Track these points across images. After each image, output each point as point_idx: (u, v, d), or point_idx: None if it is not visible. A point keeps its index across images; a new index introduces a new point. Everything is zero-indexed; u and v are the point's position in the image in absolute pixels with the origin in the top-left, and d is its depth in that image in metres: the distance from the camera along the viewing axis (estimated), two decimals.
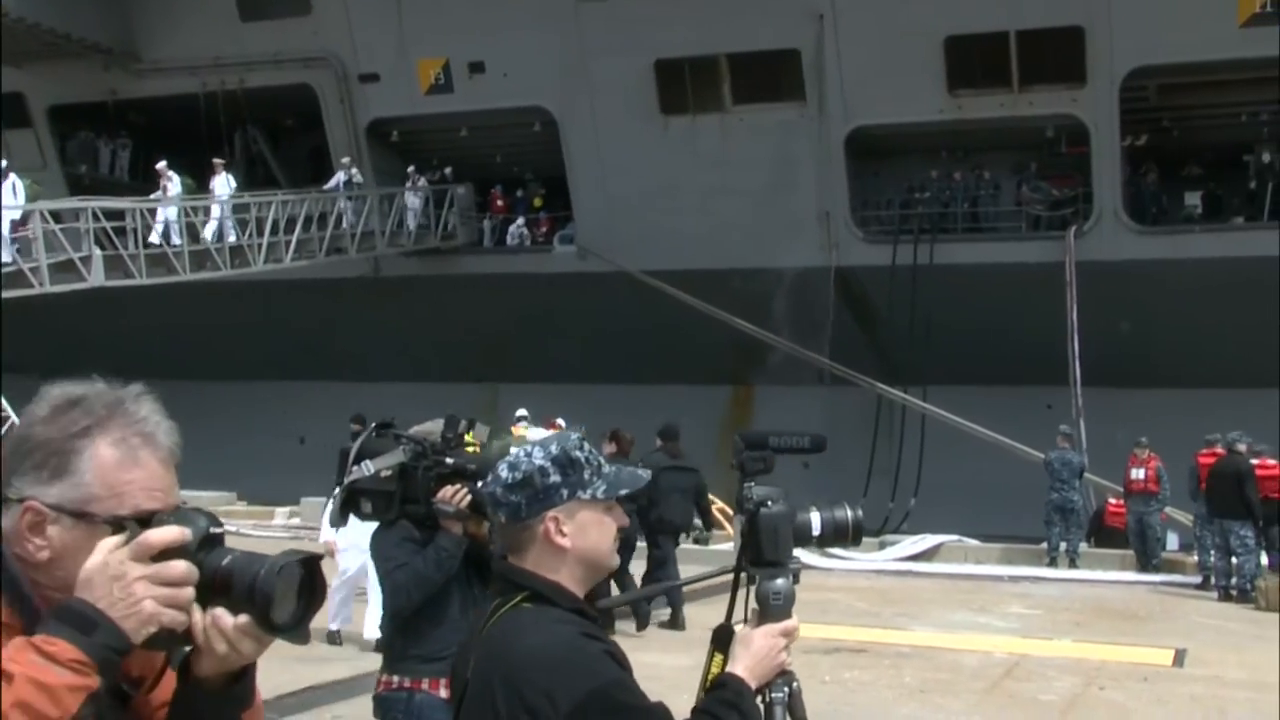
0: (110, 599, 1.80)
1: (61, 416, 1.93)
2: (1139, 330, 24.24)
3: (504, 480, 2.76)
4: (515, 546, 2.79)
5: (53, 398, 1.96)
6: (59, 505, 1.89)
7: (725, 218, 25.72)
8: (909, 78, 24.86)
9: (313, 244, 26.09)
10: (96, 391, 1.97)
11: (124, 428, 1.95)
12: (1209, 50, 23.27)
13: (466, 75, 27.73)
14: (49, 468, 1.90)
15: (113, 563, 1.82)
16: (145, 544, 1.83)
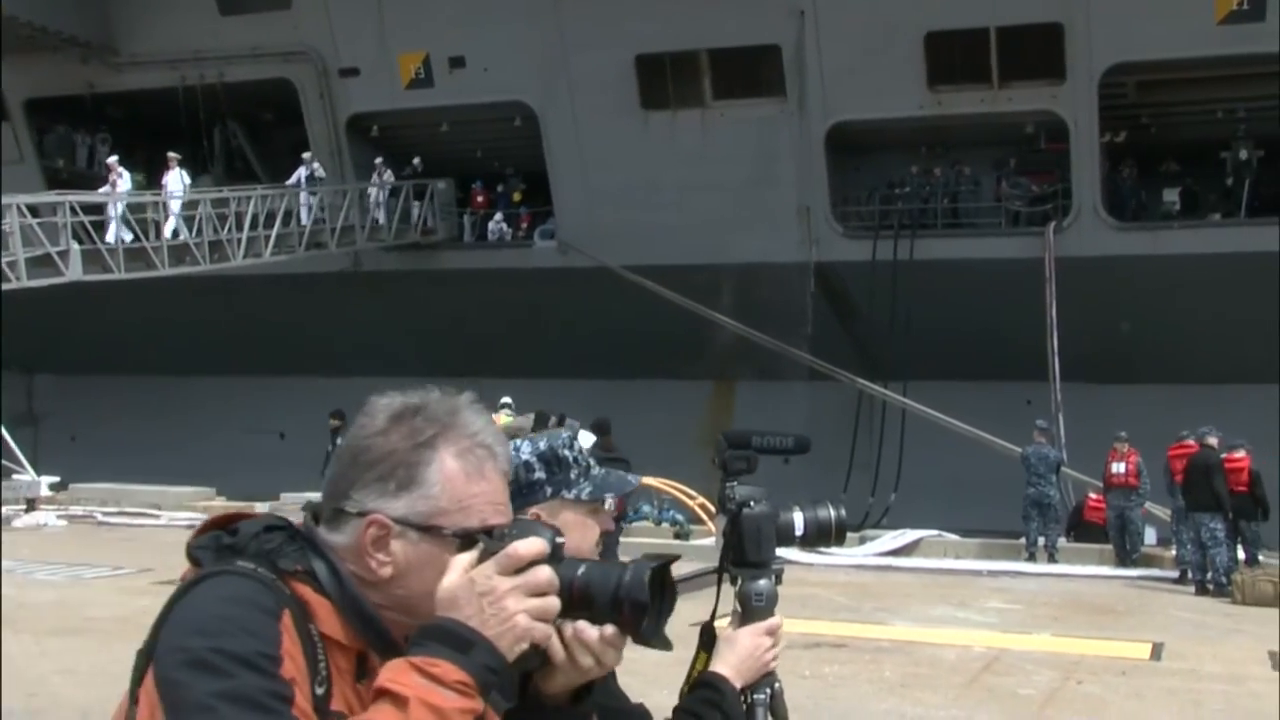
0: (482, 616, 1.71)
1: (402, 426, 1.85)
2: (1117, 326, 24.34)
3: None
4: None
5: (387, 407, 1.89)
6: (405, 519, 1.80)
7: (705, 213, 25.73)
8: (889, 73, 24.91)
9: (292, 239, 26.03)
10: (433, 400, 1.91)
11: (467, 439, 1.87)
12: (1187, 47, 23.38)
13: (447, 70, 27.67)
14: (395, 480, 1.82)
15: (479, 578, 1.74)
16: (514, 557, 1.75)
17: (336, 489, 1.85)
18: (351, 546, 1.82)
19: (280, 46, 28.31)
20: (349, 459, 1.85)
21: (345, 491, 1.84)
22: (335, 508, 1.84)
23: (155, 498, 23.79)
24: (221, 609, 1.68)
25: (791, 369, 26.01)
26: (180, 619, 1.69)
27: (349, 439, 1.88)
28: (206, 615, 1.68)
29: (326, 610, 1.76)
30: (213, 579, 1.73)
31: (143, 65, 29.05)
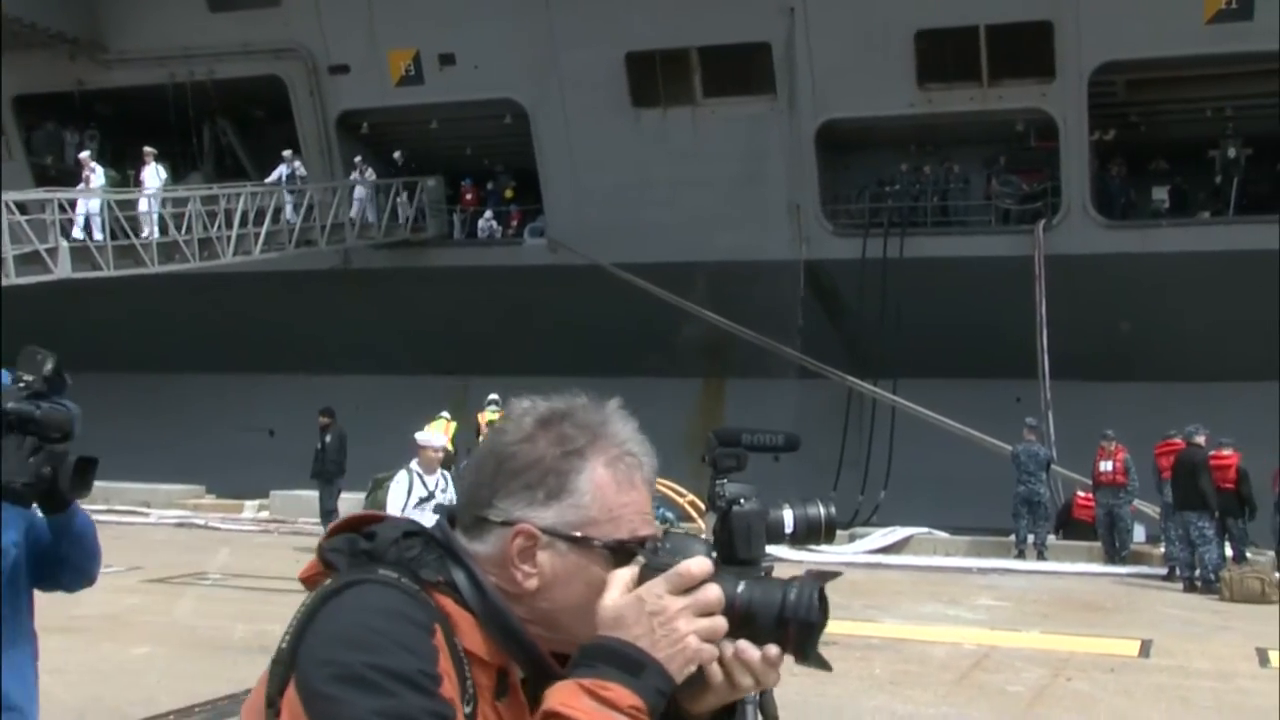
0: (652, 637, 1.64)
1: (549, 433, 1.78)
2: (1106, 324, 24.38)
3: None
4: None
5: (531, 411, 1.82)
6: (554, 529, 1.74)
7: (696, 211, 25.73)
8: (879, 71, 24.92)
9: (282, 236, 25.99)
10: (579, 406, 1.84)
11: (616, 447, 1.80)
12: (1175, 46, 23.43)
13: (437, 67, 27.64)
14: (544, 488, 1.75)
15: (649, 597, 1.67)
16: (686, 575, 1.68)
17: (478, 496, 1.78)
18: (495, 557, 1.76)
19: (270, 43, 28.25)
20: (493, 465, 1.78)
21: (489, 499, 1.77)
22: (478, 516, 1.77)
23: (145, 495, 23.78)
24: (374, 621, 1.62)
25: (781, 366, 26.03)
26: (328, 629, 1.63)
27: (492, 445, 1.80)
28: (359, 627, 1.61)
29: (469, 624, 1.71)
30: (357, 587, 1.66)
31: (132, 62, 28.97)
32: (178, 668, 10.70)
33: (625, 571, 1.71)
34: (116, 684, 9.66)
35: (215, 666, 10.69)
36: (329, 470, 19.94)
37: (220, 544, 19.72)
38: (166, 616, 13.22)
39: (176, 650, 8.28)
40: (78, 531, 3.95)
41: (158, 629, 12.46)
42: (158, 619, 12.99)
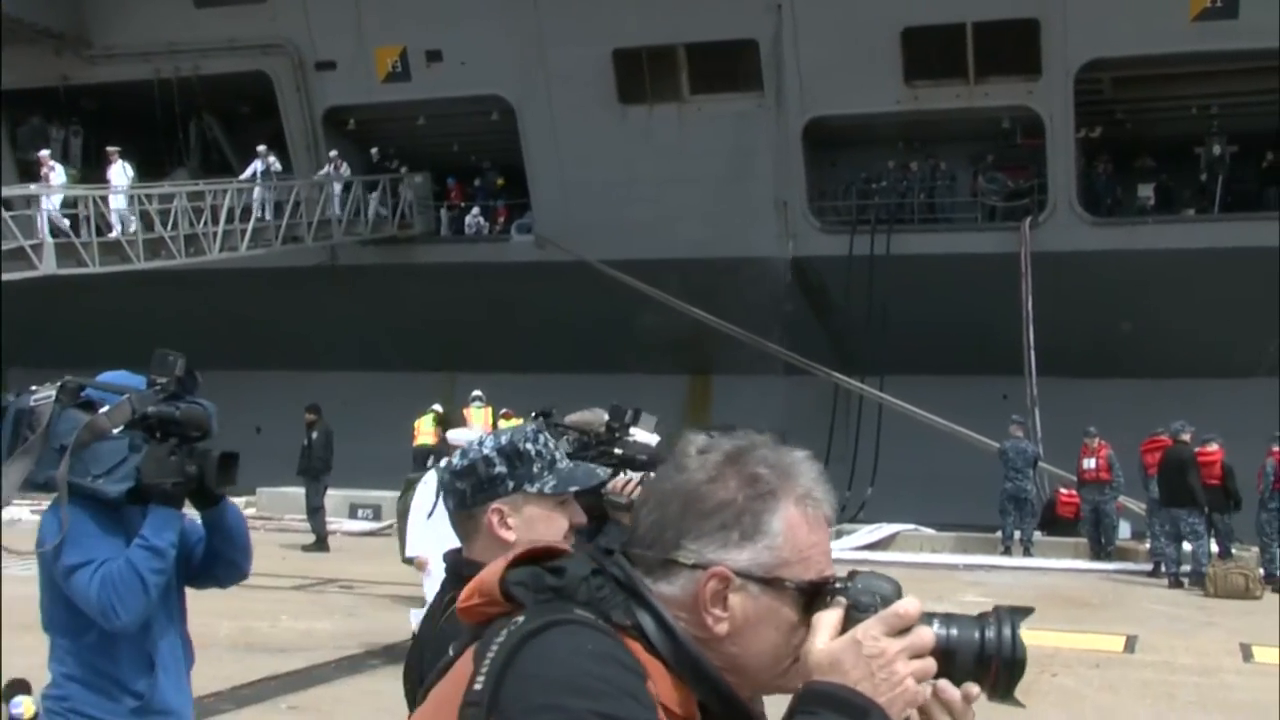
0: (873, 681, 1.61)
1: (738, 472, 1.74)
2: (1093, 321, 24.43)
3: (453, 467, 2.74)
4: (462, 535, 2.77)
5: (714, 449, 1.77)
6: (748, 571, 1.69)
7: (682, 207, 25.73)
8: (866, 69, 24.94)
9: (268, 233, 25.92)
10: (759, 444, 1.79)
11: (802, 487, 1.76)
12: (1161, 44, 23.49)
13: (424, 64, 27.59)
14: (739, 529, 1.70)
15: (866, 640, 1.63)
16: (903, 616, 1.65)
17: (664, 538, 1.72)
18: (683, 600, 1.70)
19: (256, 39, 28.16)
20: (679, 506, 1.72)
21: (677, 541, 1.71)
22: (666, 558, 1.71)
23: None
24: (594, 666, 1.58)
25: (768, 363, 26.06)
26: (544, 674, 1.58)
27: (675, 484, 1.75)
28: (580, 673, 1.58)
29: (659, 671, 1.65)
30: (563, 628, 1.62)
31: (117, 57, 28.85)
32: None
33: (832, 614, 1.68)
34: None
35: (200, 664, 10.65)
36: (315, 467, 19.90)
37: None
38: None
39: None
40: (230, 525, 4.08)
41: None
42: None
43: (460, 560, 2.75)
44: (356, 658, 11.27)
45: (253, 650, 11.37)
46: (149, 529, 3.72)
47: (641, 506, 1.78)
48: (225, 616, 12.82)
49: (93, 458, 3.60)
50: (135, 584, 3.63)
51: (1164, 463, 17.74)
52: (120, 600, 3.60)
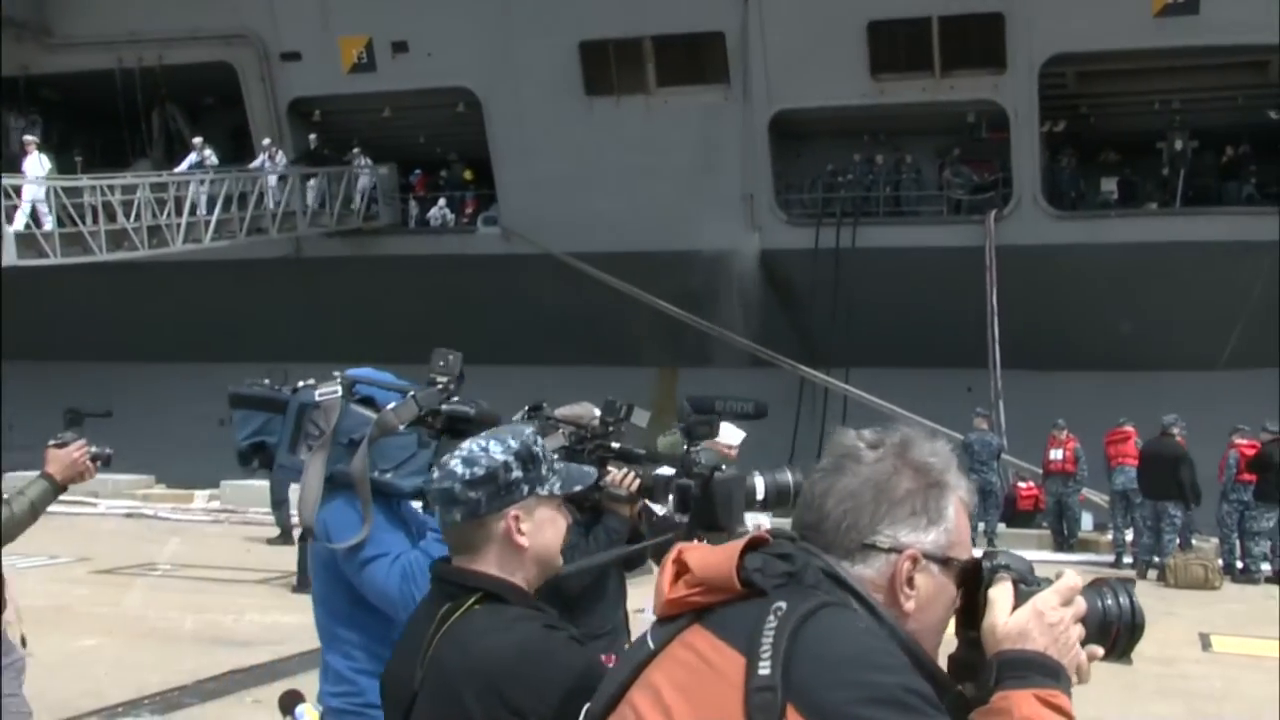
0: (1056, 646, 1.82)
1: (911, 463, 1.92)
2: (1056, 314, 24.59)
3: (462, 476, 2.63)
4: (466, 546, 2.67)
5: (884, 441, 1.95)
6: (931, 553, 1.88)
7: (649, 200, 25.73)
8: (832, 62, 25.00)
9: (232, 224, 25.73)
10: (913, 436, 1.97)
11: (956, 474, 1.96)
12: (1124, 39, 23.66)
13: (390, 55, 27.46)
14: (926, 515, 1.89)
15: (1048, 610, 1.85)
16: (1073, 589, 1.88)
17: (859, 525, 1.88)
18: (878, 581, 1.86)
19: (220, 29, 27.95)
20: (871, 495, 1.89)
21: (874, 527, 1.87)
22: (864, 542, 1.87)
23: (93, 485, 23.49)
24: (878, 644, 1.75)
25: (733, 355, 26.09)
26: (833, 652, 1.71)
27: (863, 478, 1.90)
28: (867, 649, 1.73)
29: None
30: (830, 610, 1.76)
31: (78, 47, 28.56)
32: (127, 659, 10.62)
33: (1006, 589, 1.88)
34: (64, 676, 9.57)
35: (165, 658, 10.62)
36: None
37: (170, 534, 19.57)
38: (116, 607, 13.10)
39: (125, 641, 8.22)
40: None
41: (107, 620, 12.36)
42: (107, 610, 12.88)
43: (458, 571, 2.68)
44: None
45: (217, 644, 11.33)
46: None
47: (823, 498, 1.91)
48: (190, 610, 12.79)
49: (380, 453, 3.65)
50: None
51: (1150, 456, 17.98)
52: (420, 591, 3.61)
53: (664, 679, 1.84)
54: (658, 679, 1.85)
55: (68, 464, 5.21)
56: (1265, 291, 24.04)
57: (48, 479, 5.28)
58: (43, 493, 5.20)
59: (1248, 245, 23.86)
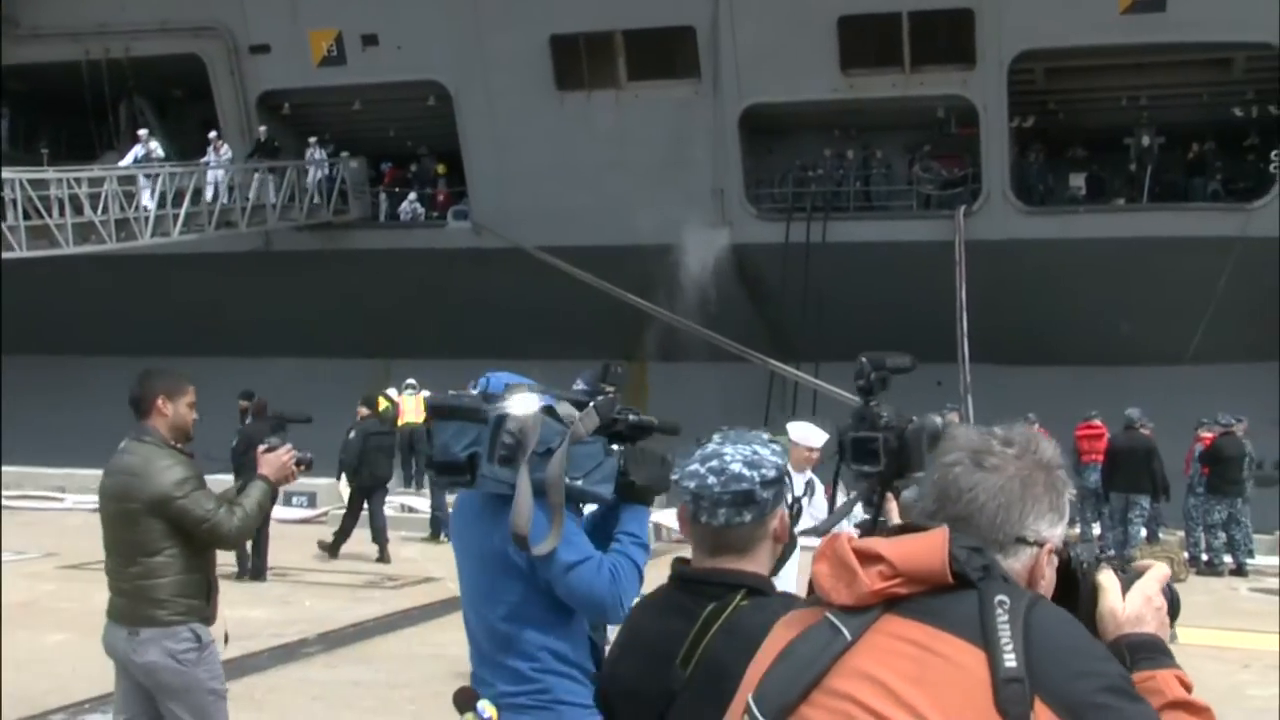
0: (1161, 628, 2.02)
1: (1034, 458, 2.05)
2: (1025, 308, 24.72)
3: (752, 478, 2.73)
4: (742, 545, 2.77)
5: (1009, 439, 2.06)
6: (1057, 544, 2.04)
7: (620, 194, 25.72)
8: (803, 57, 25.05)
9: (201, 218, 25.57)
10: (1030, 431, 2.12)
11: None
12: (1092, 35, 23.80)
13: (360, 48, 27.36)
14: (1058, 509, 2.04)
15: (1154, 595, 2.03)
16: (1165, 576, 2.08)
17: (1010, 518, 2.00)
18: (1022, 573, 2.00)
19: (189, 21, 27.77)
20: (1019, 491, 2.01)
21: (1023, 521, 2.00)
22: (1017, 536, 2.00)
23: (60, 480, 23.36)
24: (1087, 633, 1.91)
25: (704, 349, 26.12)
26: (1064, 644, 1.83)
27: (1008, 475, 2.02)
28: (1085, 638, 1.88)
29: None
30: (1044, 603, 1.91)
31: (45, 38, 28.33)
32: (93, 656, 10.55)
33: (1112, 577, 2.05)
34: (30, 672, 9.53)
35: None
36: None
37: None
38: (82, 604, 13.00)
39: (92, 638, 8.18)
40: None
41: (73, 616, 12.27)
42: (73, 606, 12.80)
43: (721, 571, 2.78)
44: (291, 646, 11.21)
45: None
46: (635, 525, 3.94)
47: (972, 492, 2.01)
48: None
49: (572, 462, 3.77)
50: (635, 577, 3.83)
51: (1122, 449, 18.12)
52: (625, 593, 3.79)
53: (883, 670, 1.86)
54: (872, 669, 1.87)
55: (279, 466, 5.51)
56: (1230, 287, 24.26)
57: (264, 480, 5.59)
58: (263, 494, 5.51)
59: (1213, 241, 24.07)
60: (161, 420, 5.85)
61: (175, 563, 5.45)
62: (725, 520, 2.73)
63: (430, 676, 9.94)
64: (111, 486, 5.67)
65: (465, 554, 3.99)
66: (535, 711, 3.82)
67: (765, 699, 1.97)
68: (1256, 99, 24.98)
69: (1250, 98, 25.13)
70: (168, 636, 5.44)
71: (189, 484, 5.50)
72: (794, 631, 2.01)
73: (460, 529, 4.03)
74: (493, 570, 3.88)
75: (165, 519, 5.44)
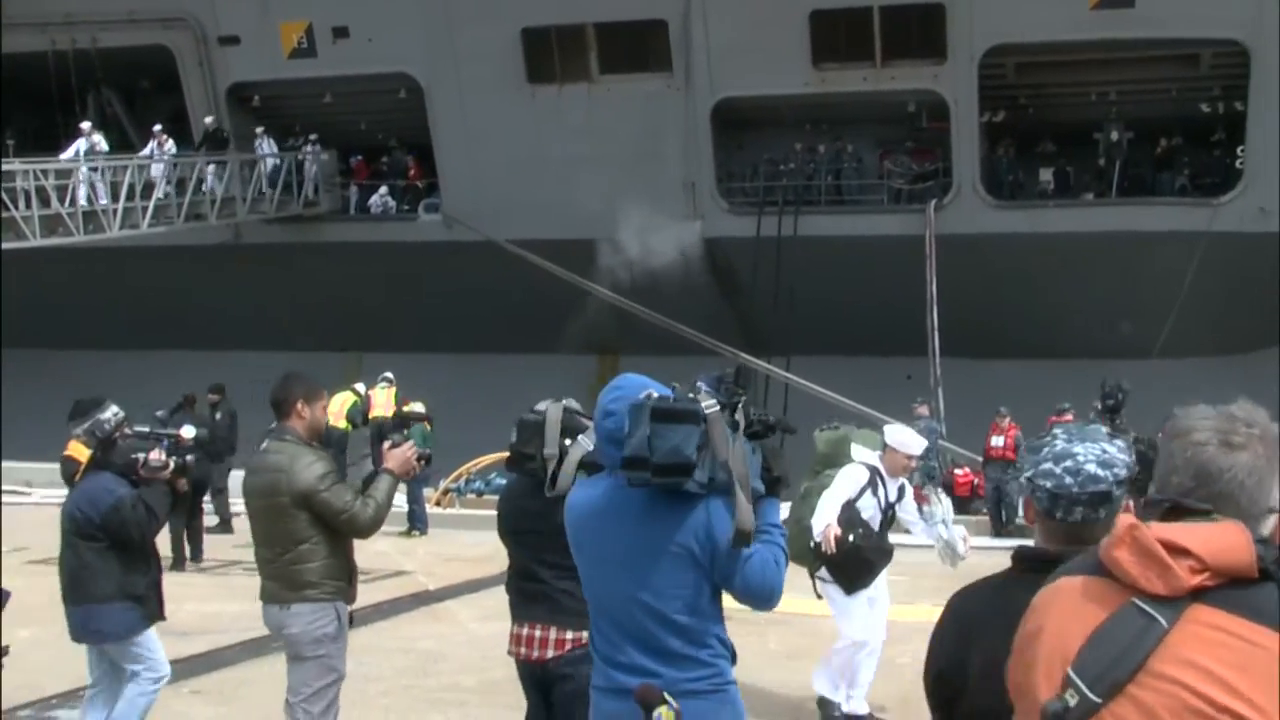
0: None
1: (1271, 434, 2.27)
2: (994, 302, 24.83)
3: (1106, 478, 2.84)
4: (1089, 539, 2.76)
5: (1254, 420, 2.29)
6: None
7: (591, 188, 25.69)
8: (774, 51, 25.08)
9: (171, 210, 25.39)
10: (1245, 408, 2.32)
11: None
12: (1063, 31, 23.94)
13: (330, 40, 27.25)
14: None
15: None
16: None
17: (1262, 493, 2.24)
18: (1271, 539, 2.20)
19: (158, 12, 27.59)
20: (1267, 468, 2.25)
21: (1269, 494, 2.25)
22: (1268, 508, 2.24)
23: (27, 474, 23.19)
24: None
25: (675, 343, 26.11)
26: None
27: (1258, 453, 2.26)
28: None
29: None
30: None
31: (11, 28, 28.01)
32: (64, 651, 10.49)
33: None
34: None
35: None
36: (219, 448, 19.58)
37: None
38: (51, 598, 12.92)
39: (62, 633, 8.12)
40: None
41: (42, 612, 12.19)
42: (42, 601, 12.72)
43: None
44: (260, 640, 11.13)
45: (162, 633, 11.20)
46: (776, 517, 4.23)
47: (1230, 472, 2.25)
48: None
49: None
50: (785, 566, 4.15)
51: None
52: (780, 582, 4.13)
53: (1207, 658, 1.99)
54: (1196, 657, 2.00)
55: (403, 461, 6.09)
56: (1197, 281, 24.46)
57: (389, 474, 6.16)
58: (390, 486, 6.10)
59: (1181, 235, 24.26)
60: (300, 422, 6.31)
61: (320, 549, 6.08)
62: (1081, 518, 2.86)
63: (402, 670, 9.93)
64: (258, 484, 6.25)
65: (607, 550, 4.14)
66: (711, 696, 4.08)
67: (1086, 673, 2.09)
68: (1223, 95, 25.17)
69: (1217, 94, 25.32)
70: (316, 613, 6.11)
71: (329, 479, 6.09)
72: (1090, 609, 2.14)
73: (594, 526, 4.17)
74: (666, 565, 4.04)
75: (310, 510, 6.03)
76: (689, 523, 4.00)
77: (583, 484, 4.50)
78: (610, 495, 4.14)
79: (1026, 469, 2.95)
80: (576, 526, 4.25)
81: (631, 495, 4.04)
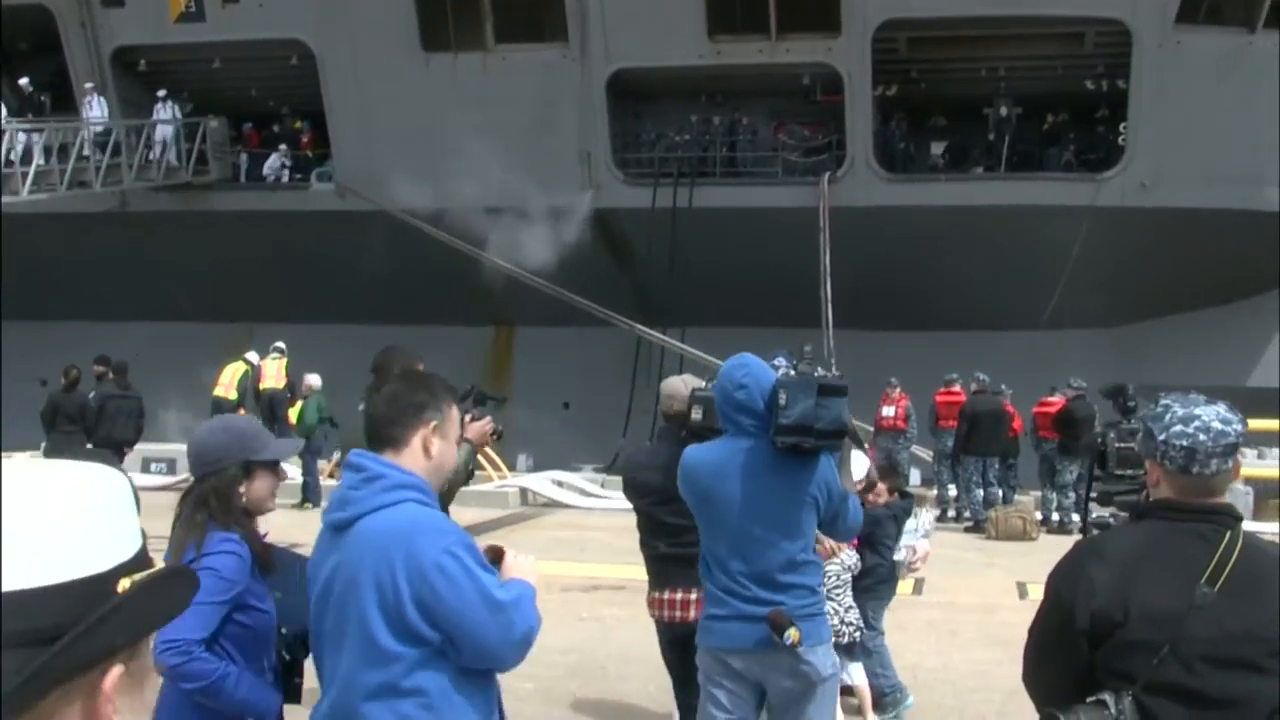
0: None
1: None
2: (887, 274, 25.15)
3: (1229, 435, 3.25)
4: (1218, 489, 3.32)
5: None
6: None
7: (486, 157, 25.50)
8: (670, 22, 25.08)
9: (53, 176, 24.71)
10: None
11: None
12: (954, 7, 24.23)
13: (219, 4, 26.67)
14: None
15: None
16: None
17: None
18: None
19: None
20: None
21: None
22: None
23: None
24: None
25: (570, 314, 26.11)
26: None
27: None
28: None
29: None
30: None
31: None
32: None
33: None
34: None
35: None
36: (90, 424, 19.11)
37: None
38: None
39: None
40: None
41: None
42: None
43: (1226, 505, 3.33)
44: None
45: None
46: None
47: None
48: None
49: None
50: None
51: (980, 413, 18.69)
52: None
53: None
54: None
55: (481, 433, 6.22)
56: (1082, 254, 25.03)
57: (469, 444, 6.19)
58: (469, 454, 6.14)
59: (1067, 209, 24.77)
60: None
61: None
62: (1216, 469, 3.24)
63: None
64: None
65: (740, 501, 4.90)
66: (817, 619, 5.00)
67: None
68: (1106, 73, 25.69)
69: (1100, 72, 25.84)
70: None
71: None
72: None
73: (720, 482, 4.94)
74: (796, 511, 4.92)
75: None
76: (815, 476, 4.93)
77: (697, 448, 5.16)
78: (732, 456, 4.94)
79: (1158, 434, 3.26)
80: (703, 483, 5.00)
81: (758, 454, 4.89)
